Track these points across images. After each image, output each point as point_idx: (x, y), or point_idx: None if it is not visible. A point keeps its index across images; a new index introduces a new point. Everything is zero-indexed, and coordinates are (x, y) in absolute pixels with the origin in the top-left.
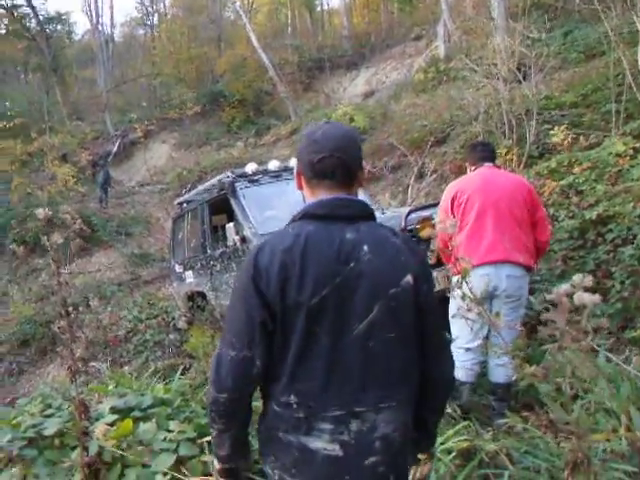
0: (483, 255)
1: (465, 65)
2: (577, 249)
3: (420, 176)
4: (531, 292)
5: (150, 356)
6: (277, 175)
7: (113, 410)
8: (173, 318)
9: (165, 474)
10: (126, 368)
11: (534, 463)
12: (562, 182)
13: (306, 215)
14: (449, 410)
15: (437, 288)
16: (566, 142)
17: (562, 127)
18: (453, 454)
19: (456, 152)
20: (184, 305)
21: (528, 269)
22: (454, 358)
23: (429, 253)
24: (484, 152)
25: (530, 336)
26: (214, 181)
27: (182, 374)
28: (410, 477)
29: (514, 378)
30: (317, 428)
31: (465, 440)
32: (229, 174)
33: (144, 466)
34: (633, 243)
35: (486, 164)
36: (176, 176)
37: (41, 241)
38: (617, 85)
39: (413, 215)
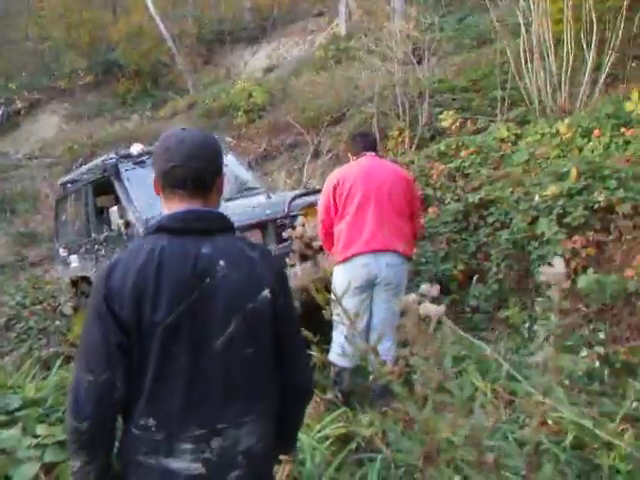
0: (363, 244)
1: (363, 45)
2: (461, 231)
3: (316, 155)
4: (417, 273)
5: (34, 344)
6: None
7: None
8: (59, 303)
9: None
10: (7, 359)
11: (410, 444)
12: (450, 165)
13: (160, 228)
14: (329, 396)
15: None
16: (454, 126)
17: (451, 112)
18: (330, 441)
19: (351, 132)
20: (69, 290)
21: (407, 258)
22: (336, 345)
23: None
24: (364, 142)
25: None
26: (98, 162)
27: (67, 363)
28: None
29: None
30: (178, 449)
31: (342, 426)
32: (112, 155)
33: (7, 477)
34: (509, 227)
35: (368, 153)
36: (67, 150)
37: None
38: (503, 73)
39: (298, 201)
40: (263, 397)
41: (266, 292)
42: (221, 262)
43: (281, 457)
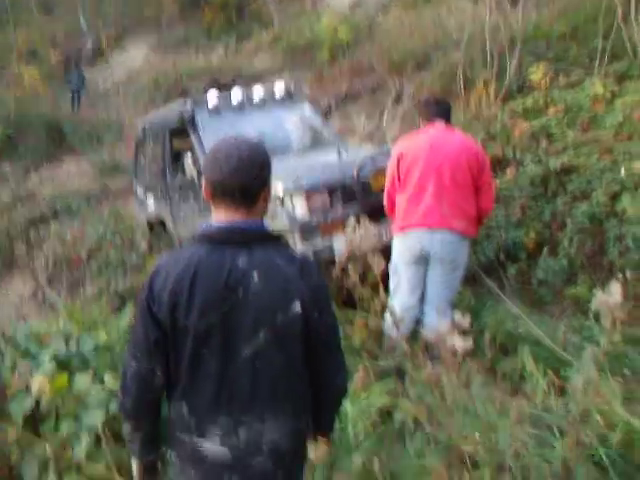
0: (420, 219)
1: None
2: (537, 198)
3: (398, 100)
4: (487, 237)
5: (113, 276)
6: (240, 106)
7: (53, 358)
8: (137, 237)
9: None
10: (88, 288)
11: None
12: (534, 123)
13: (203, 238)
14: (382, 363)
15: (384, 240)
16: (544, 80)
17: (542, 64)
18: (374, 411)
19: (435, 80)
20: (145, 229)
21: (466, 235)
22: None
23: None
24: (437, 109)
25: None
26: (176, 106)
27: None
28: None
29: None
30: (208, 432)
31: (387, 398)
32: (189, 103)
33: (77, 419)
34: (589, 199)
35: (437, 123)
36: (152, 81)
37: (8, 144)
38: (608, 19)
39: (368, 165)
40: (290, 400)
41: (297, 307)
42: (254, 275)
43: (318, 438)
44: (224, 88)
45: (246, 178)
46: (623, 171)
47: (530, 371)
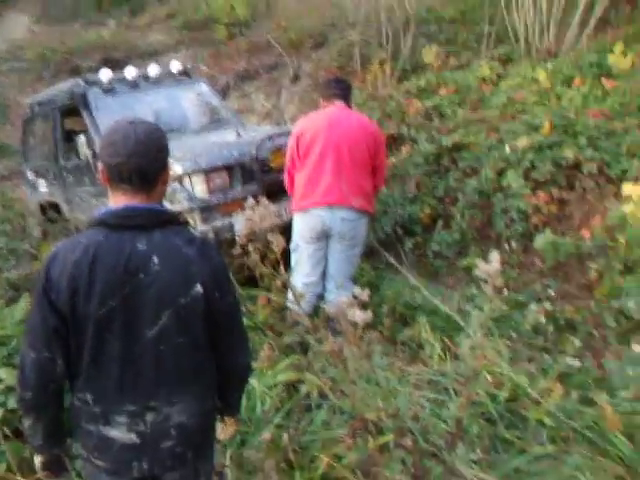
0: (320, 197)
1: None
2: (431, 174)
3: (296, 79)
4: (384, 213)
5: (3, 265)
6: (134, 84)
7: None
8: (29, 222)
9: None
10: None
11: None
12: (428, 103)
13: (100, 223)
14: (286, 339)
15: (285, 218)
16: (436, 63)
17: (434, 47)
18: (281, 387)
19: (332, 59)
20: (38, 214)
21: (365, 212)
22: (294, 288)
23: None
24: (337, 89)
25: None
26: (66, 85)
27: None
28: (217, 434)
29: None
30: (114, 421)
31: (293, 373)
32: (81, 81)
33: None
34: (479, 174)
35: (337, 102)
36: (38, 55)
37: None
38: (493, 5)
39: (267, 143)
40: (196, 381)
41: (198, 288)
42: (155, 258)
43: (225, 420)
44: (118, 66)
45: (144, 161)
46: (508, 149)
47: (427, 339)
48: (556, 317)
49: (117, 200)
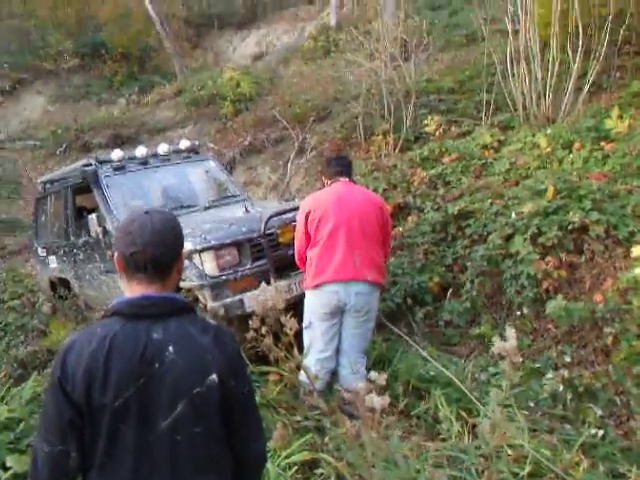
0: (334, 273)
1: (353, 38)
2: (439, 242)
3: (301, 151)
4: (394, 283)
5: (12, 341)
6: (144, 162)
7: None
8: (39, 298)
9: None
10: None
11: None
12: (432, 172)
13: (116, 312)
14: (298, 418)
15: (295, 293)
16: (439, 132)
17: (436, 117)
18: (295, 468)
19: (336, 131)
20: (48, 290)
21: (377, 285)
22: (307, 366)
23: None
24: (339, 167)
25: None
26: (78, 165)
27: (44, 368)
28: None
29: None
30: None
31: (308, 453)
32: (92, 161)
33: None
34: (486, 241)
35: (342, 179)
36: (51, 133)
37: None
38: (490, 75)
39: (275, 219)
40: (211, 470)
41: (214, 377)
42: (170, 348)
43: None
44: (127, 142)
45: (160, 251)
46: (514, 215)
47: (444, 414)
48: (574, 384)
49: (132, 289)
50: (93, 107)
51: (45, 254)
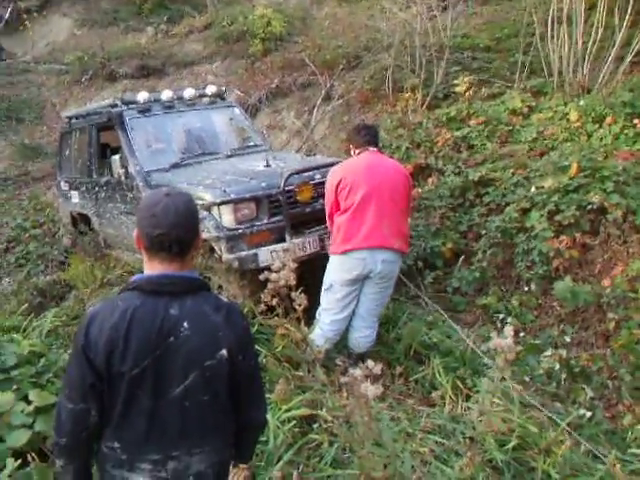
0: (362, 240)
1: None
2: (456, 208)
3: (327, 98)
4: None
5: (33, 270)
6: (169, 106)
7: None
8: (59, 229)
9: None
10: (6, 280)
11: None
12: (457, 133)
13: (137, 287)
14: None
15: (309, 251)
16: (468, 93)
17: (467, 77)
18: (294, 422)
19: (365, 81)
20: (68, 223)
21: (402, 253)
22: (320, 326)
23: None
24: (368, 136)
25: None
26: (104, 105)
27: (61, 298)
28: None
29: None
30: (138, 467)
31: (307, 409)
32: (118, 102)
33: (1, 440)
34: (503, 212)
35: (370, 148)
36: (76, 59)
37: None
38: (529, 35)
39: (295, 177)
40: (216, 434)
41: (224, 352)
42: (185, 324)
43: (239, 465)
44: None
45: (183, 232)
46: (534, 189)
47: (440, 381)
48: (570, 365)
49: (153, 266)
50: (120, 34)
51: (68, 188)
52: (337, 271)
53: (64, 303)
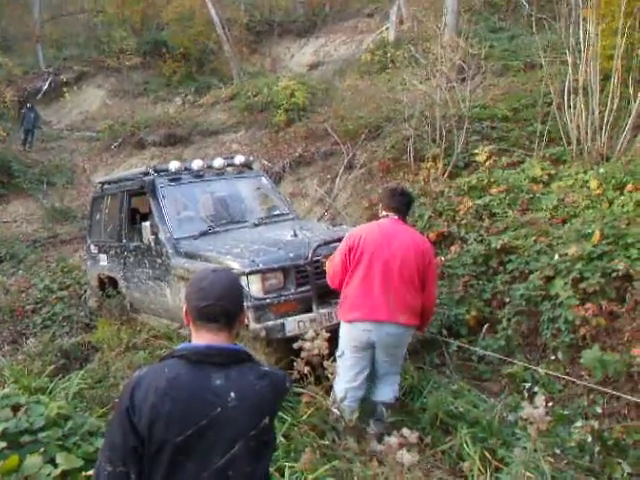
0: (367, 312)
1: (410, 57)
2: (479, 275)
3: (350, 167)
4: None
5: (58, 331)
6: (199, 175)
7: (3, 434)
8: (85, 291)
9: None
10: (32, 340)
11: None
12: (478, 202)
13: (183, 357)
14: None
15: (335, 321)
16: (488, 162)
17: (486, 147)
18: None
19: (386, 151)
20: (96, 286)
21: (411, 326)
22: (336, 391)
23: None
24: (399, 203)
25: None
26: (137, 173)
27: (85, 360)
28: None
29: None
30: None
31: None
32: (150, 170)
33: None
34: (527, 279)
35: (395, 216)
36: (107, 127)
37: None
38: (546, 105)
39: (323, 248)
40: None
41: (266, 420)
42: (232, 394)
43: None
44: (180, 142)
45: (229, 304)
46: (557, 256)
47: (467, 452)
48: (604, 437)
49: (200, 337)
50: (149, 104)
51: (97, 251)
52: (346, 338)
53: (88, 366)
